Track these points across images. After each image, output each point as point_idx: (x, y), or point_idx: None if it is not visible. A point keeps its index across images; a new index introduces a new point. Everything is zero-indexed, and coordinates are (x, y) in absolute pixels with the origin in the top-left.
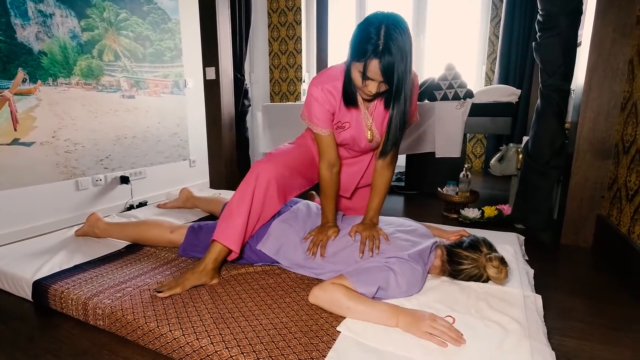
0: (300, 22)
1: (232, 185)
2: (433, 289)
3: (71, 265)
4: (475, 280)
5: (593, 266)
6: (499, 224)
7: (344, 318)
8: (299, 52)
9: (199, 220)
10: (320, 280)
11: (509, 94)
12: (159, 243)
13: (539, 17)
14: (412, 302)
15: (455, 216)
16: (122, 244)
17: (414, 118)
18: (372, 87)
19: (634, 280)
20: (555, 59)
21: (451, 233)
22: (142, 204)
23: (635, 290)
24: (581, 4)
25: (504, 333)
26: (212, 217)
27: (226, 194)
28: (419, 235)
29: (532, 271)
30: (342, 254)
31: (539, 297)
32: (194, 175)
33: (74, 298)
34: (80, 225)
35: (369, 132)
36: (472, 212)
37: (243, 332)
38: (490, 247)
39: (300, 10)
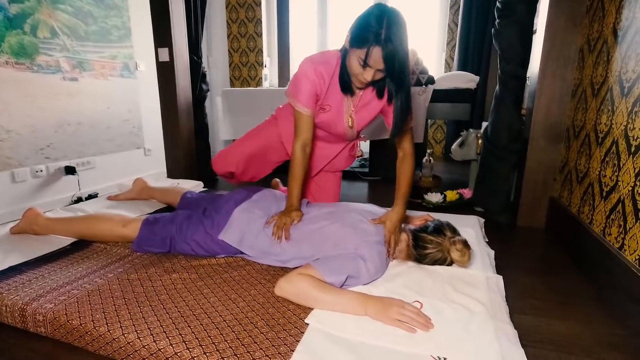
0: (260, 3)
1: (191, 174)
2: (400, 274)
3: (5, 266)
4: (439, 264)
5: (546, 245)
6: (460, 207)
7: (312, 309)
8: (260, 35)
9: (155, 212)
10: (286, 270)
11: (468, 80)
12: (110, 238)
13: (497, 4)
14: (379, 288)
15: (419, 201)
16: (66, 240)
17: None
18: (369, 75)
19: (583, 257)
20: (513, 45)
21: (415, 218)
22: (91, 196)
23: (584, 266)
24: None
25: (469, 315)
26: (170, 208)
27: (185, 184)
28: None
29: (492, 252)
30: (308, 238)
31: (500, 278)
32: (150, 164)
33: (9, 304)
34: (17, 222)
35: (350, 120)
36: (435, 197)
37: (205, 330)
38: (454, 231)
39: None
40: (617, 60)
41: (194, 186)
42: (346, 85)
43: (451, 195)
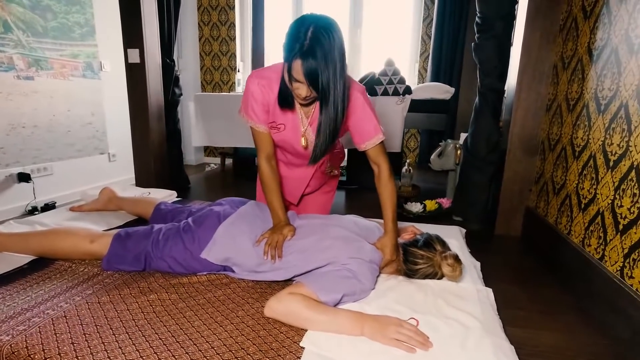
0: (234, 6)
1: (162, 182)
2: (391, 289)
3: None
4: (430, 278)
5: (523, 254)
6: (439, 216)
7: (305, 331)
8: (233, 39)
9: (125, 225)
10: (274, 288)
11: (444, 91)
12: (76, 256)
13: (477, 19)
14: (372, 306)
15: (399, 210)
16: (23, 258)
17: (379, 131)
18: (302, 90)
19: (561, 267)
20: (492, 59)
21: (401, 230)
22: (48, 206)
23: (562, 276)
24: (514, 8)
25: (465, 331)
26: (141, 220)
27: (156, 193)
28: (373, 234)
29: (478, 264)
30: (299, 252)
31: (490, 291)
32: (115, 170)
33: None
34: None
35: (303, 139)
36: (415, 206)
37: (191, 359)
38: (444, 245)
39: None
40: (593, 78)
41: (167, 196)
42: (284, 100)
43: (430, 204)
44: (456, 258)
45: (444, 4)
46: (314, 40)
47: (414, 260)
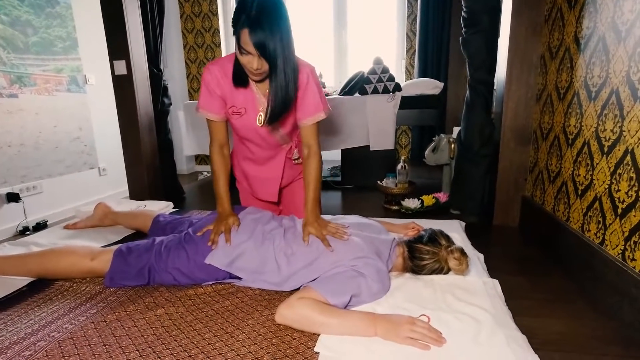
0: (217, 12)
1: (156, 194)
2: (399, 287)
3: None
4: (437, 274)
5: (523, 243)
6: (437, 211)
7: (318, 335)
8: (218, 45)
9: (124, 239)
10: (281, 294)
11: (433, 86)
12: (76, 275)
13: (463, 14)
14: (383, 305)
15: (397, 208)
16: (22, 281)
17: (320, 109)
18: (253, 63)
19: (561, 254)
20: (480, 53)
21: (402, 226)
22: (40, 225)
23: (563, 262)
24: (499, 1)
25: (476, 324)
26: (140, 234)
27: (152, 205)
28: (376, 232)
29: (482, 256)
30: (303, 253)
31: (496, 282)
32: (106, 185)
33: None
34: None
35: (259, 116)
36: (412, 203)
37: None
38: (448, 239)
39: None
40: (582, 66)
41: (163, 207)
42: (238, 78)
43: (428, 200)
44: (462, 251)
45: (427, 0)
46: (259, 10)
47: (420, 256)
